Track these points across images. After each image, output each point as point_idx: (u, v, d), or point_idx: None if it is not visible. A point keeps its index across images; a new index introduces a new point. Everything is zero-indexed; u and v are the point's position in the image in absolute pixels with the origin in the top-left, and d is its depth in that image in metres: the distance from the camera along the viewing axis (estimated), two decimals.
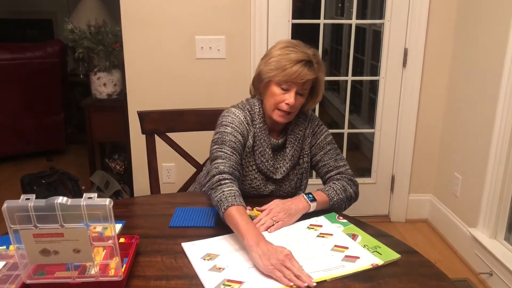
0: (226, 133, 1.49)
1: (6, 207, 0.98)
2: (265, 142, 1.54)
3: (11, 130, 3.82)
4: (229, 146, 1.46)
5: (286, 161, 1.57)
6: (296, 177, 1.61)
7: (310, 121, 1.62)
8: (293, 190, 1.62)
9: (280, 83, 1.47)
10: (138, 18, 2.59)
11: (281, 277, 1.09)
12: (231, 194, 1.32)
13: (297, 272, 1.09)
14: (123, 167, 3.36)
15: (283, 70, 1.43)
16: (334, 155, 1.60)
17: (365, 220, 1.45)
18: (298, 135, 1.59)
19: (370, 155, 3.04)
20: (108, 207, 0.99)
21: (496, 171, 2.30)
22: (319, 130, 1.62)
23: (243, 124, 1.53)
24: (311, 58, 1.46)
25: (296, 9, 2.72)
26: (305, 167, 1.62)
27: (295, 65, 1.43)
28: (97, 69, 3.15)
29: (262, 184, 1.57)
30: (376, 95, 2.90)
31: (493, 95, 2.30)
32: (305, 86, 1.49)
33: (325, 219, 1.43)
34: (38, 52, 3.77)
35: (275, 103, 1.49)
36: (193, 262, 1.18)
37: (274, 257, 1.12)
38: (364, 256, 1.22)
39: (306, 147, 1.61)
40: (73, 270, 1.07)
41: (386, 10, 2.72)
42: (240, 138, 1.50)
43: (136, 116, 1.95)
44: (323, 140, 1.61)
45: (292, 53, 1.45)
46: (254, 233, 1.21)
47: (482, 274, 2.37)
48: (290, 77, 1.44)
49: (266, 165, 1.55)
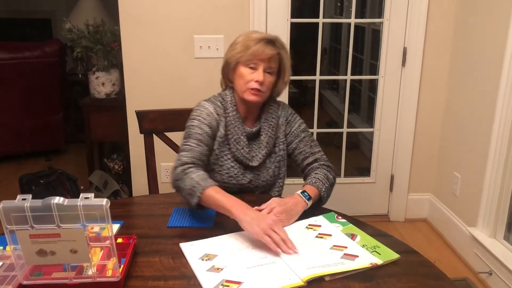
0: (193, 126, 1.55)
1: (2, 208, 0.97)
2: (239, 129, 1.59)
3: (9, 129, 3.81)
4: (194, 138, 1.52)
5: (261, 148, 1.62)
6: (273, 165, 1.65)
7: (283, 110, 1.68)
8: (272, 178, 1.65)
9: (247, 63, 1.54)
10: (137, 18, 2.59)
11: (270, 242, 1.19)
12: (201, 178, 1.38)
13: (284, 236, 1.21)
14: (122, 167, 3.35)
15: (248, 48, 1.52)
16: (309, 142, 1.66)
17: (364, 219, 1.45)
18: (272, 123, 1.63)
19: (369, 155, 3.03)
20: (105, 208, 0.98)
21: (495, 170, 2.29)
22: (292, 119, 1.68)
23: (212, 115, 1.57)
24: (272, 38, 1.55)
25: (295, 8, 2.71)
26: (281, 154, 1.66)
27: (258, 43, 1.52)
28: (96, 68, 3.14)
29: (239, 173, 1.60)
30: (375, 94, 2.89)
31: (492, 94, 2.29)
32: (271, 64, 1.54)
33: (324, 219, 1.42)
34: (37, 52, 3.76)
35: (245, 83, 1.54)
36: (191, 263, 1.17)
37: (263, 222, 1.23)
38: (363, 255, 1.22)
39: (281, 135, 1.66)
40: (70, 271, 1.06)
41: (385, 9, 2.71)
42: (207, 129, 1.55)
43: (134, 115, 1.94)
44: (298, 128, 1.67)
45: (254, 34, 1.56)
46: (239, 204, 1.30)
47: (481, 274, 2.36)
48: (255, 54, 1.51)
49: (241, 153, 1.59)
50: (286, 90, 2.77)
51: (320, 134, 2.91)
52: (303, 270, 1.13)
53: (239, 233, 1.31)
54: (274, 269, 1.14)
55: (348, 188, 3.02)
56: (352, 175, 3.05)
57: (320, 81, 2.85)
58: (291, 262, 1.16)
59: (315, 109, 2.87)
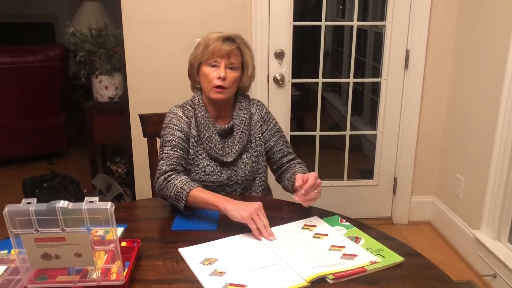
0: (165, 135, 1.62)
1: (7, 211, 0.97)
2: (209, 128, 1.63)
3: (13, 133, 3.82)
4: (168, 145, 1.59)
5: (235, 144, 1.66)
6: (251, 160, 1.68)
7: (257, 107, 1.73)
8: (250, 173, 1.68)
9: (208, 62, 1.59)
10: (139, 21, 2.59)
11: (254, 228, 1.28)
12: (184, 183, 1.45)
13: (266, 223, 1.30)
14: (125, 170, 3.36)
15: (207, 47, 1.57)
16: (285, 141, 1.75)
17: (367, 222, 1.45)
18: (244, 118, 1.67)
19: (372, 157, 3.03)
20: (110, 211, 0.98)
21: (499, 172, 2.29)
22: (268, 117, 1.74)
23: (182, 119, 1.64)
24: (231, 35, 1.59)
25: (297, 11, 2.72)
26: (259, 150, 1.70)
27: (216, 41, 1.56)
28: (99, 72, 3.15)
29: (216, 170, 1.65)
30: (378, 97, 2.89)
31: (495, 95, 2.29)
32: (232, 59, 1.59)
33: (318, 219, 1.43)
34: (40, 56, 3.78)
35: (209, 82, 1.59)
36: (192, 267, 1.17)
37: (250, 206, 1.31)
38: (361, 254, 1.22)
39: (257, 131, 1.71)
40: (74, 275, 1.06)
41: (387, 12, 2.72)
42: (179, 134, 1.61)
43: (137, 119, 1.95)
44: (273, 127, 1.74)
45: (213, 34, 1.60)
46: (223, 197, 1.38)
47: (486, 276, 2.36)
48: (214, 52, 1.56)
49: (214, 150, 1.63)
50: (287, 92, 2.78)
51: (322, 137, 2.91)
52: (305, 270, 1.13)
53: (238, 236, 1.32)
54: (276, 270, 1.14)
55: (351, 191, 3.02)
56: (355, 177, 3.05)
57: (322, 83, 2.85)
58: (292, 263, 1.17)
59: (318, 112, 2.87)
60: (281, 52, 2.71)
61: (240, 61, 1.63)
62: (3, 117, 3.74)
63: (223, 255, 1.23)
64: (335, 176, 3.01)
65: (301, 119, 3.68)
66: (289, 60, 2.74)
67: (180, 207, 1.43)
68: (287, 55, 2.72)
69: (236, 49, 1.59)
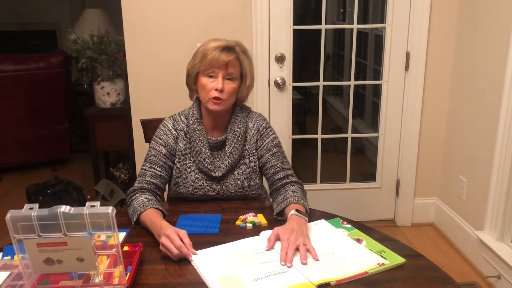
0: (150, 148, 1.63)
1: (10, 217, 0.98)
2: (200, 141, 1.59)
3: (16, 140, 3.84)
4: (148, 161, 1.61)
5: (225, 159, 1.60)
6: (242, 177, 1.62)
7: (256, 121, 1.66)
8: (241, 190, 1.62)
9: (206, 72, 1.53)
10: (140, 28, 2.61)
11: (163, 250, 1.24)
12: (139, 204, 1.46)
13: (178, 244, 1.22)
14: (128, 176, 3.37)
15: (205, 58, 1.51)
16: (280, 158, 1.64)
17: (370, 224, 1.45)
18: (237, 133, 1.61)
19: (374, 160, 3.03)
20: (111, 216, 0.99)
21: (501, 172, 2.28)
22: (266, 132, 1.65)
23: (170, 132, 1.62)
24: (230, 44, 1.54)
25: (297, 15, 2.73)
26: (252, 166, 1.63)
27: (214, 51, 1.50)
28: (101, 78, 3.17)
29: (205, 184, 1.61)
30: (379, 99, 2.89)
31: (496, 96, 2.29)
32: (231, 70, 1.53)
33: (326, 223, 1.43)
34: (42, 63, 3.80)
35: (207, 93, 1.54)
36: (201, 272, 1.17)
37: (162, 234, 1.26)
38: (369, 257, 1.22)
39: (251, 147, 1.63)
40: (77, 279, 1.07)
41: (387, 14, 2.72)
42: (161, 149, 1.60)
43: (139, 124, 1.96)
44: (270, 142, 1.64)
45: (211, 43, 1.54)
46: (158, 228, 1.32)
47: (490, 278, 2.34)
48: (211, 63, 1.51)
49: (203, 164, 1.59)
50: (289, 95, 2.79)
51: (324, 140, 2.92)
52: (313, 274, 1.13)
53: (242, 240, 1.32)
54: (284, 274, 1.15)
55: (354, 194, 3.01)
56: (357, 180, 3.04)
57: (323, 87, 2.86)
58: (300, 267, 1.17)
59: (319, 115, 2.88)
60: (282, 56, 2.72)
61: (239, 71, 1.56)
62: (7, 124, 3.76)
63: (229, 259, 1.23)
64: (337, 179, 3.01)
65: (303, 122, 3.69)
66: (289, 64, 2.74)
67: (133, 225, 1.45)
68: (288, 59, 2.73)
69: (235, 59, 1.53)
